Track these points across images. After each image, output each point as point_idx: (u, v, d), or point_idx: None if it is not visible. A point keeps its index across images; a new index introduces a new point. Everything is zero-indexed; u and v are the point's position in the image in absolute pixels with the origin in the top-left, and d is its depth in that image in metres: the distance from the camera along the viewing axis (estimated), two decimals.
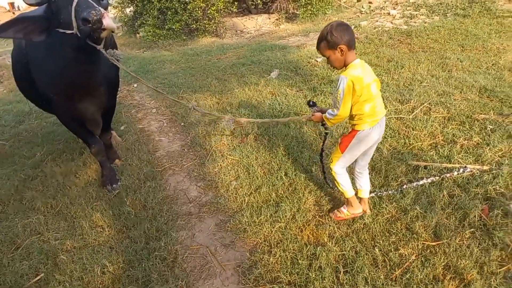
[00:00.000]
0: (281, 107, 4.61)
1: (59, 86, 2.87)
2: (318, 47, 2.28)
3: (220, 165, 3.55)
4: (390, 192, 2.74)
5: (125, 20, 12.81)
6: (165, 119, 5.14)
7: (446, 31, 6.82)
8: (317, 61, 6.28)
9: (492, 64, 4.90)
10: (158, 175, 3.57)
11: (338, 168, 2.46)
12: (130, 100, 6.13)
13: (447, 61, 5.21)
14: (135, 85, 6.85)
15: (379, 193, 2.73)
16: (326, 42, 2.17)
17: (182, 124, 4.79)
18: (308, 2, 10.28)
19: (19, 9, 28.37)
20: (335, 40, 2.12)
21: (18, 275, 2.48)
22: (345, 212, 2.53)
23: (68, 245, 2.71)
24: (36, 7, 2.66)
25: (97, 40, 2.40)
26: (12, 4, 30.54)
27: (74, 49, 2.52)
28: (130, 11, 12.92)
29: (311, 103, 2.61)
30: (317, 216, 2.59)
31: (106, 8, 2.41)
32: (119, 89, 4.10)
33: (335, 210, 2.59)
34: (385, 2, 9.78)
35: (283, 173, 3.14)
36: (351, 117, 2.28)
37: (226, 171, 3.41)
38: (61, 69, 2.72)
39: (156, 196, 3.18)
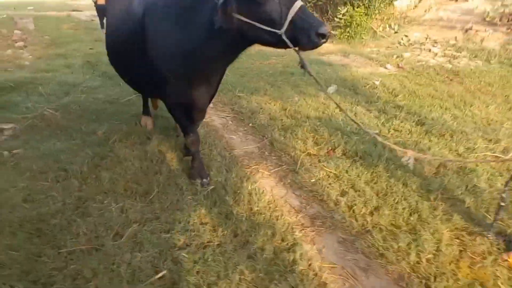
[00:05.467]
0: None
1: (186, 67, 2.59)
2: None
3: (316, 176, 3.33)
4: None
5: None
6: (227, 116, 4.87)
7: (497, 77, 6.88)
8: (375, 84, 6.19)
9: None
10: (249, 176, 3.30)
11: None
12: None
13: None
14: None
15: None
16: None
17: (251, 124, 4.55)
18: (348, 24, 10.28)
19: None
20: None
21: (133, 268, 2.16)
22: None
23: (181, 241, 2.40)
24: None
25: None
26: None
27: (245, 41, 2.35)
28: None
29: None
30: (468, 252, 2.39)
31: None
32: None
33: None
34: (426, 38, 9.89)
35: (401, 197, 2.94)
36: None
37: (326, 184, 3.19)
38: (202, 50, 2.44)
39: (259, 199, 2.92)
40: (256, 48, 8.93)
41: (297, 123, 4.45)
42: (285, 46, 2.20)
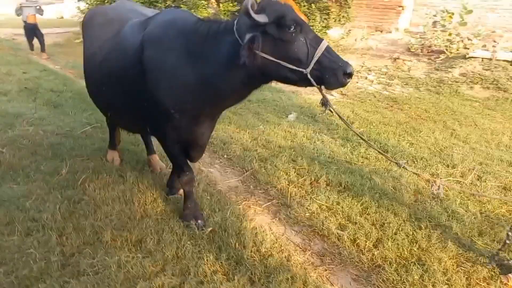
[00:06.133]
0: (330, 154, 4.58)
1: (196, 102, 2.45)
2: None
3: (309, 209, 3.33)
4: None
5: None
6: None
7: (429, 103, 7.66)
8: (331, 112, 6.46)
9: (498, 142, 5.56)
10: (244, 213, 3.18)
11: None
12: None
13: (457, 132, 5.79)
14: None
15: None
16: None
17: (226, 156, 4.43)
18: None
19: None
20: None
21: None
22: None
23: None
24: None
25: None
26: None
27: (265, 78, 2.32)
28: None
29: None
30: (476, 280, 2.54)
31: None
32: None
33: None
34: (362, 66, 10.70)
35: (397, 228, 3.06)
36: None
37: (322, 218, 3.20)
38: (216, 85, 2.34)
39: (263, 239, 2.81)
40: None
41: (273, 154, 4.44)
42: (308, 85, 2.19)
